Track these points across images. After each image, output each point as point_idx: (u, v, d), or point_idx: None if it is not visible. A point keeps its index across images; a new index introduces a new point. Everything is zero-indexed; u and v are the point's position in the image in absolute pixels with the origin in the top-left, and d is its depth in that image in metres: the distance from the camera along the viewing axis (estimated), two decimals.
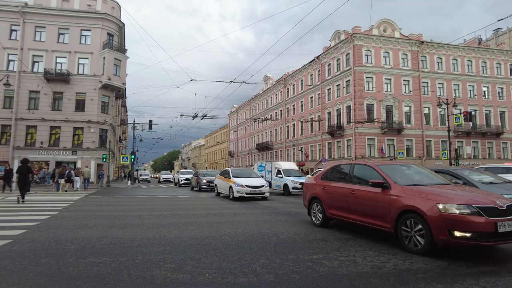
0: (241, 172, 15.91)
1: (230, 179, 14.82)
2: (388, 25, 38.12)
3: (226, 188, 15.11)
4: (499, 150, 40.39)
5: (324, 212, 7.05)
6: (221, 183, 16.03)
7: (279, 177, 18.81)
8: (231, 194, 14.41)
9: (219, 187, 16.33)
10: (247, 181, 14.34)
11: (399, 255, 4.78)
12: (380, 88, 36.28)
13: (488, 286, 3.49)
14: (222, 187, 15.85)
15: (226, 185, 15.12)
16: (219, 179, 16.39)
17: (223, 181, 15.59)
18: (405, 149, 35.65)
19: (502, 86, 41.46)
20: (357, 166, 6.72)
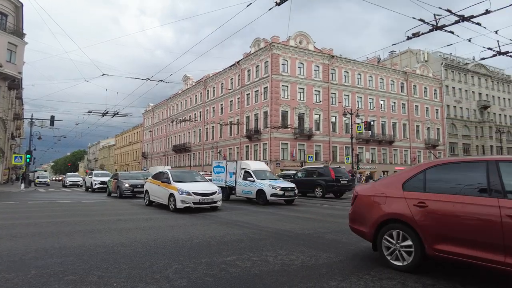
0: (183, 175, 12.46)
1: (170, 184, 11.31)
2: (303, 37, 40.87)
3: (163, 196, 11.65)
4: (391, 156, 46.55)
5: (421, 248, 3.99)
6: (155, 189, 12.46)
7: (249, 181, 14.48)
8: (172, 203, 10.96)
9: (152, 194, 12.74)
10: (195, 187, 11.06)
11: (307, 253, 5.14)
12: (294, 96, 38.68)
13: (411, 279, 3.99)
14: (157, 194, 12.31)
15: (163, 192, 11.64)
16: (152, 183, 12.77)
17: (159, 186, 12.04)
18: (314, 154, 38.54)
19: (394, 101, 47.91)
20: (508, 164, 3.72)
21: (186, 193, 10.68)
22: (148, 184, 13.35)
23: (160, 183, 12.09)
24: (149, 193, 12.98)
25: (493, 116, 59.05)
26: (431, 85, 52.30)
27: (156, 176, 12.95)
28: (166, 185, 11.53)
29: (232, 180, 15.78)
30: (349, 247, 5.61)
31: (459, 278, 3.90)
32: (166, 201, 11.41)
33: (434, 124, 51.60)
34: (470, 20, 9.51)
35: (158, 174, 12.94)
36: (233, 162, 16.20)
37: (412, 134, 48.98)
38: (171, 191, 11.08)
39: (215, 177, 16.94)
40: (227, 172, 16.24)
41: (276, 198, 13.72)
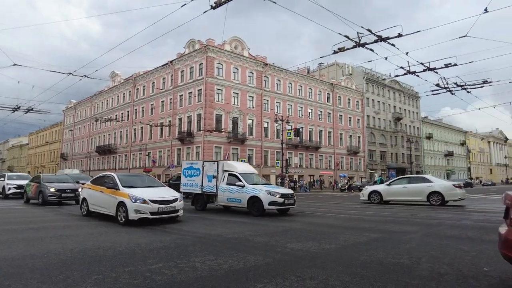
0: (133, 180, 10.29)
1: (118, 191, 9.16)
2: (239, 43, 41.40)
3: (109, 205, 9.37)
4: (317, 161, 49.45)
5: None
6: (97, 197, 10.09)
7: (237, 186, 11.85)
8: (122, 214, 8.74)
9: (92, 203, 10.34)
10: (151, 193, 9.02)
11: (235, 257, 5.17)
12: (229, 100, 38.91)
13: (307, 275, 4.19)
14: (99, 203, 9.99)
15: (109, 200, 9.37)
16: (93, 189, 10.39)
17: (103, 193, 9.71)
18: (247, 158, 39.15)
19: (321, 109, 51.08)
20: None
21: (141, 200, 8.53)
22: (86, 191, 10.83)
23: (104, 189, 9.68)
24: (87, 201, 10.52)
25: (405, 127, 66.56)
26: (354, 97, 56.98)
27: (97, 181, 10.65)
28: (112, 192, 9.25)
29: (211, 186, 12.74)
30: (276, 249, 5.78)
31: None
32: (113, 211, 9.07)
33: (355, 132, 56.22)
34: (386, 40, 10.61)
35: (100, 178, 10.67)
36: (213, 163, 13.11)
37: (336, 141, 52.69)
38: (120, 199, 8.82)
39: (186, 181, 13.98)
40: (204, 175, 13.12)
41: (274, 207, 11.27)
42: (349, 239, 6.81)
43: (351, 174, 52.75)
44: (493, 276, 4.13)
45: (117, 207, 8.97)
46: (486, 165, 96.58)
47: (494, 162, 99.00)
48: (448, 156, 79.75)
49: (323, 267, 4.58)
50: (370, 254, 5.35)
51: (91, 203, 10.35)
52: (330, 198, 24.01)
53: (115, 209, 9.02)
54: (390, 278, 4.02)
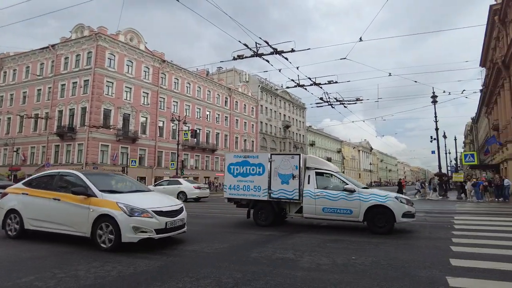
0: (107, 180, 7.09)
1: (93, 198, 6.00)
2: (135, 35, 38.91)
3: (76, 221, 6.10)
4: (213, 163, 49.92)
5: None
6: (44, 208, 6.49)
7: (340, 191, 8.45)
8: (107, 235, 5.71)
9: (33, 217, 6.63)
10: (149, 201, 6.29)
11: (125, 262, 4.87)
12: (120, 95, 36.09)
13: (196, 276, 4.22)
14: (51, 218, 6.38)
15: (76, 213, 6.08)
16: (32, 196, 6.74)
17: (60, 202, 6.30)
18: (138, 158, 36.95)
19: (219, 113, 51.86)
20: None
21: (141, 212, 5.71)
22: (17, 199, 6.88)
23: (61, 196, 6.27)
24: (21, 215, 6.71)
25: (292, 134, 72.70)
26: (250, 103, 59.61)
27: (39, 183, 6.95)
28: (82, 200, 5.98)
29: (289, 190, 8.93)
30: (174, 251, 5.66)
31: None
32: (86, 230, 5.89)
33: (250, 137, 58.84)
34: (280, 54, 11.51)
35: (46, 178, 7.03)
36: (291, 158, 9.25)
37: (232, 144, 54.19)
38: (101, 211, 5.74)
39: (237, 182, 9.74)
40: (274, 174, 9.22)
41: (408, 219, 8.16)
42: (239, 238, 7.13)
43: None
44: (359, 263, 4.91)
45: (94, 223, 5.76)
46: (356, 170, 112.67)
47: (362, 167, 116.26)
48: (327, 161, 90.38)
49: (216, 266, 4.70)
50: (260, 251, 5.72)
51: (30, 217, 6.57)
52: (222, 200, 24.47)
53: (90, 226, 5.79)
54: (278, 272, 4.39)
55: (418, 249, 5.91)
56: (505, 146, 30.84)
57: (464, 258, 5.19)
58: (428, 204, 18.68)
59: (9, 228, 6.87)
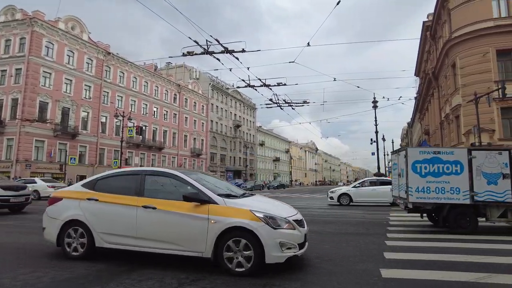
0: (210, 180, 5.54)
1: (211, 205, 4.48)
2: (77, 23, 36.31)
3: (188, 236, 4.47)
4: (160, 162, 48.38)
5: None
6: (142, 219, 4.73)
7: None
8: (240, 255, 4.27)
9: (114, 232, 4.88)
10: (279, 207, 5.07)
11: (60, 267, 4.55)
12: (59, 87, 33.43)
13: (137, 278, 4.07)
14: (148, 233, 4.70)
15: (188, 224, 4.48)
16: (118, 204, 4.92)
17: (165, 212, 4.62)
18: (78, 155, 34.59)
19: (167, 109, 50.40)
20: None
21: (284, 222, 4.44)
22: (84, 206, 5.11)
23: (157, 203, 4.71)
24: (91, 228, 4.97)
25: (243, 134, 73.11)
26: (200, 101, 58.77)
27: (113, 185, 5.23)
28: (193, 209, 4.50)
29: (499, 192, 7.83)
30: (116, 253, 5.39)
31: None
32: (201, 248, 4.40)
33: (200, 135, 58.01)
34: (231, 53, 11.53)
35: (124, 180, 5.28)
36: (497, 154, 8.11)
37: (181, 142, 53.00)
38: (231, 223, 4.32)
39: (428, 184, 8.08)
40: (477, 173, 7.94)
41: None
42: None
43: None
44: (303, 258, 5.09)
45: (220, 239, 4.32)
46: (302, 170, 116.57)
47: (308, 167, 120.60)
48: (276, 161, 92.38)
49: (160, 267, 4.59)
50: None
51: (104, 231, 4.91)
52: None
53: (212, 243, 4.32)
54: (221, 272, 4.40)
55: (356, 245, 6.30)
56: None
57: (396, 251, 5.66)
58: None
59: (70, 245, 5.01)
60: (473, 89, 21.52)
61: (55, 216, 5.20)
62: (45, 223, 5.31)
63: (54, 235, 5.10)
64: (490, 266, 4.66)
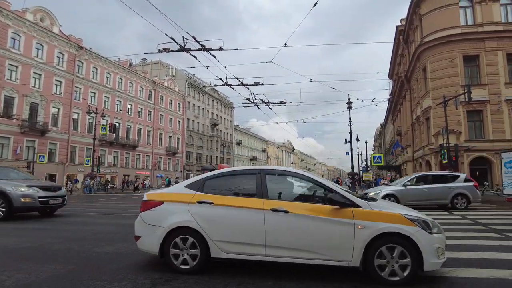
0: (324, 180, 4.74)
1: (355, 209, 3.98)
2: (47, 15, 34.83)
3: (331, 243, 3.95)
4: (134, 161, 47.29)
5: None
6: (271, 225, 4.08)
7: None
8: (393, 264, 3.83)
9: (242, 239, 4.15)
10: (404, 208, 4.51)
11: (25, 270, 4.36)
12: (27, 81, 31.97)
13: None
14: (280, 240, 4.06)
15: (329, 230, 3.96)
16: (238, 207, 4.23)
17: (300, 216, 4.02)
18: (48, 153, 33.22)
19: (142, 107, 49.32)
20: None
21: (435, 225, 4.08)
22: (195, 210, 4.31)
23: (288, 207, 4.09)
24: (205, 236, 4.19)
25: (220, 132, 72.73)
26: (176, 99, 57.90)
27: (226, 186, 4.60)
28: (334, 213, 3.98)
29: None
30: (80, 255, 5.23)
31: None
32: (348, 256, 3.90)
33: (175, 134, 57.16)
34: (208, 51, 11.45)
35: (239, 179, 4.78)
36: None
37: (156, 140, 52.03)
38: (383, 228, 3.86)
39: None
40: None
41: None
42: None
43: (168, 175, 53.10)
44: None
45: (369, 246, 3.87)
46: None
47: (284, 166, 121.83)
48: (253, 160, 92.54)
49: (132, 267, 4.50)
50: None
51: (222, 239, 4.19)
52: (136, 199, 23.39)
53: (361, 251, 3.88)
54: None
55: None
56: (406, 150, 35.23)
57: None
58: None
59: (177, 257, 4.25)
60: (442, 92, 22.49)
61: (156, 223, 4.36)
62: (141, 231, 4.45)
63: (156, 245, 4.27)
64: None
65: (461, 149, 22.27)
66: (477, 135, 24.32)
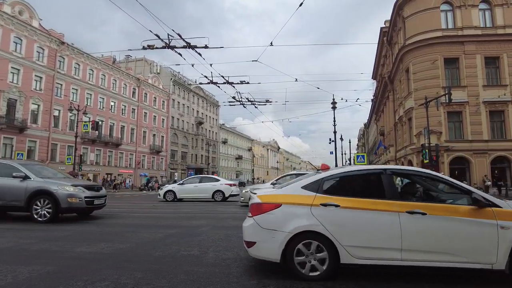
0: None
1: (495, 209, 3.86)
2: (25, 8, 33.77)
3: (472, 245, 3.85)
4: (117, 159, 46.46)
5: None
6: (408, 227, 3.88)
7: None
8: None
9: (373, 243, 3.95)
10: None
11: (2, 271, 4.22)
12: (4, 76, 30.92)
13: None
14: (416, 243, 3.90)
15: (471, 232, 3.84)
16: (368, 210, 3.99)
17: (439, 218, 3.86)
18: (27, 151, 32.27)
19: (125, 104, 48.50)
20: None
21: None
22: (322, 214, 4.01)
23: (427, 208, 3.92)
24: (334, 241, 3.94)
25: (205, 131, 72.28)
26: (160, 96, 57.18)
27: (348, 186, 4.42)
28: (474, 213, 3.86)
29: None
30: (60, 255, 5.10)
31: None
32: (492, 258, 3.78)
33: (159, 132, 56.47)
34: (193, 48, 11.35)
35: (362, 179, 4.64)
36: None
37: (139, 139, 51.27)
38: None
39: None
40: None
41: None
42: (145, 237, 6.83)
43: (152, 173, 52.44)
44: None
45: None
46: (265, 167, 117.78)
47: (270, 165, 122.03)
48: (238, 159, 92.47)
49: (115, 267, 4.41)
50: (164, 250, 5.56)
51: (352, 244, 3.96)
52: (128, 198, 23.07)
53: (506, 254, 3.77)
54: (181, 269, 4.34)
55: None
56: (388, 149, 35.89)
57: None
58: None
59: (303, 264, 3.98)
60: (424, 93, 23.01)
61: (275, 227, 4.04)
62: (256, 237, 4.11)
63: (277, 252, 3.97)
64: None
65: (441, 149, 22.85)
66: (456, 135, 25.01)
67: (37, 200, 8.65)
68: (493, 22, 25.25)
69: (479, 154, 23.92)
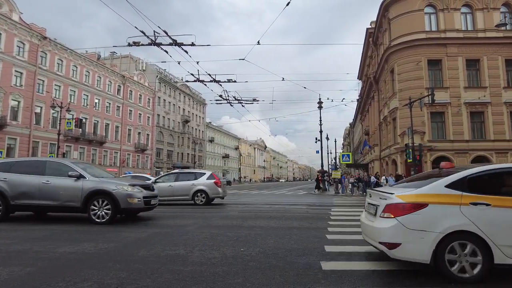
0: None
1: None
2: (5, 1, 32.76)
3: None
4: (101, 157, 45.65)
5: None
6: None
7: None
8: None
9: None
10: None
11: None
12: None
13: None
14: None
15: None
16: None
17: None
18: (6, 149, 31.35)
19: (110, 101, 47.69)
20: None
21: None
22: (472, 213, 3.94)
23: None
24: (492, 240, 3.85)
25: (191, 129, 71.75)
26: (146, 94, 56.45)
27: (492, 183, 4.39)
28: None
29: None
30: (41, 256, 4.98)
31: None
32: None
33: (145, 130, 55.76)
34: (180, 46, 11.25)
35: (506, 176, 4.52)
36: None
37: (124, 137, 50.51)
38: None
39: None
40: None
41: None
42: (129, 236, 6.74)
43: (137, 172, 51.70)
44: (247, 254, 5.17)
45: None
46: (252, 166, 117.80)
47: (257, 164, 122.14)
48: (225, 158, 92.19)
49: (98, 267, 4.34)
50: (149, 249, 5.50)
51: (507, 244, 3.89)
52: None
53: None
54: (166, 269, 4.30)
55: (299, 239, 6.54)
56: (373, 149, 36.44)
57: (336, 244, 5.96)
58: (311, 197, 20.82)
59: (454, 263, 3.86)
60: (408, 94, 23.44)
61: (423, 227, 3.93)
62: (401, 238, 3.98)
63: (427, 253, 3.86)
64: None
65: (424, 149, 23.34)
66: (439, 135, 25.58)
67: (95, 201, 8.28)
68: (474, 26, 25.91)
69: (460, 154, 24.54)
